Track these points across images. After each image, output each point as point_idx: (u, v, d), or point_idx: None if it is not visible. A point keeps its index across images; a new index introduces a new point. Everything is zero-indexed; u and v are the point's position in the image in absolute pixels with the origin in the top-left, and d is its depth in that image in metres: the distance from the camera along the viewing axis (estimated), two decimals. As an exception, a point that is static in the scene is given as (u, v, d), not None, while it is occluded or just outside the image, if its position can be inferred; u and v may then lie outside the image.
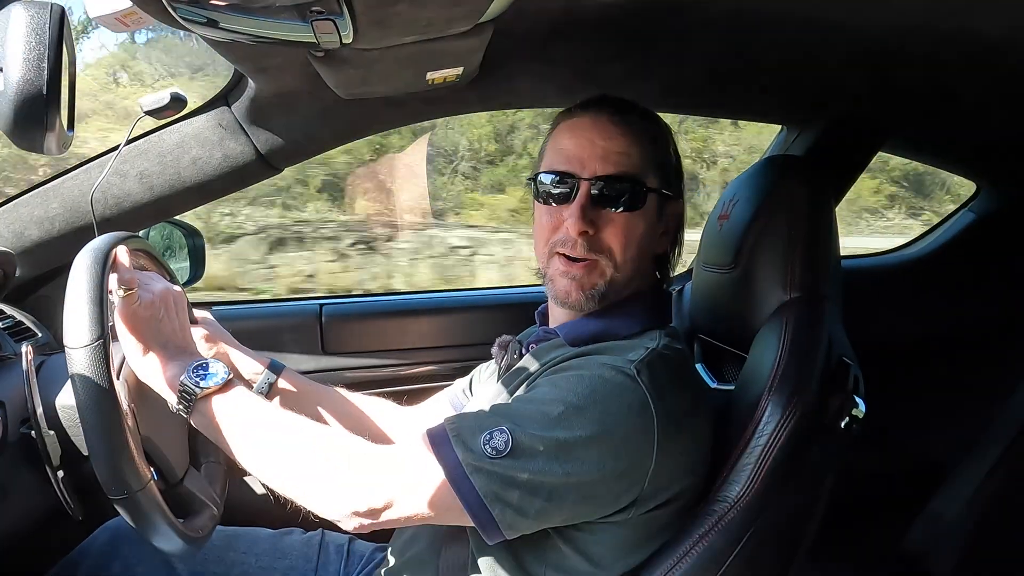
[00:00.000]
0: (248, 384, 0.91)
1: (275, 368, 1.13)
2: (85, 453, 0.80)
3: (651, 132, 0.94)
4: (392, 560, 1.02)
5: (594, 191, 0.90)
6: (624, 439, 0.80)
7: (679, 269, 1.06)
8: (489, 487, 0.77)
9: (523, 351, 1.05)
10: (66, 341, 0.76)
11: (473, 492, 0.77)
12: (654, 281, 0.99)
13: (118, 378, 0.84)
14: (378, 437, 1.18)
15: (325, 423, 1.14)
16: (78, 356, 0.75)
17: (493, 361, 1.11)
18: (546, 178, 0.94)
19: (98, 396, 0.75)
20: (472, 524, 0.79)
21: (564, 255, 0.92)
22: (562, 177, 0.92)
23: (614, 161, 0.90)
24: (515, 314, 1.68)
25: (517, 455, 0.77)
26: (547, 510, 0.80)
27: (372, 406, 1.19)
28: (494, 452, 0.77)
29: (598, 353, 0.89)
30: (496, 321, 1.71)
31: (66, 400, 0.91)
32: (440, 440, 0.80)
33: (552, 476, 0.77)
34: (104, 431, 0.76)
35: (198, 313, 1.12)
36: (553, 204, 0.93)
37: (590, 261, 0.92)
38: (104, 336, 0.76)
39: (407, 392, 1.51)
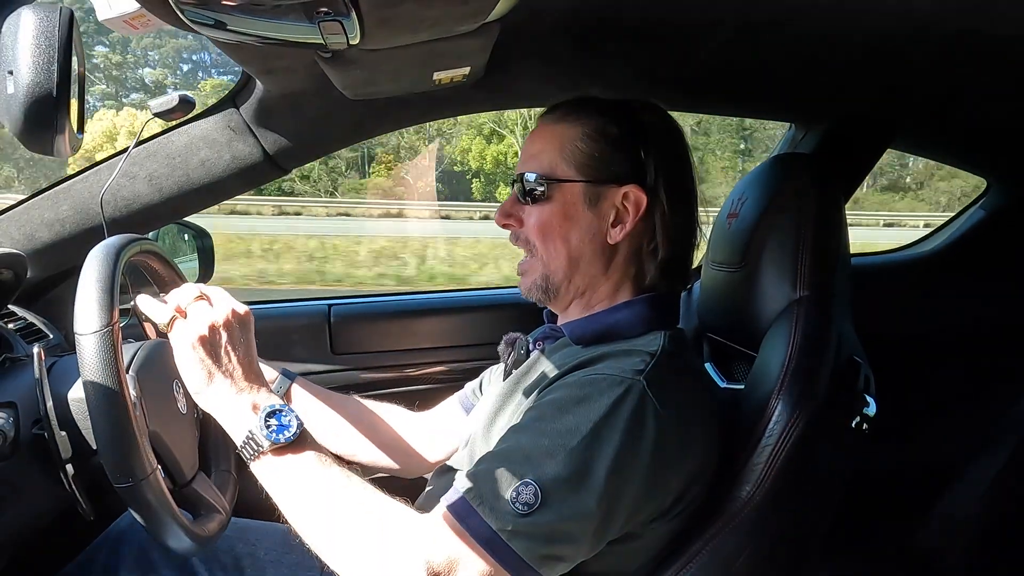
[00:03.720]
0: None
1: (288, 376, 1.14)
2: (95, 446, 0.81)
3: (577, 128, 0.94)
4: None
5: (516, 189, 0.96)
6: (645, 456, 0.79)
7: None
8: (530, 547, 0.74)
9: (530, 348, 1.05)
10: (75, 328, 0.77)
11: (515, 557, 0.74)
12: (634, 274, 0.96)
13: (128, 372, 0.84)
14: (393, 445, 1.18)
15: (341, 430, 1.15)
16: (87, 343, 0.76)
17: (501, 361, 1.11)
18: None
19: (105, 382, 0.76)
20: None
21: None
22: (512, 180, 0.99)
23: (527, 160, 0.96)
24: (526, 313, 1.68)
25: (549, 503, 0.74)
26: (589, 548, 0.79)
27: (386, 412, 1.19)
28: (526, 508, 0.74)
29: (603, 358, 0.88)
30: (507, 320, 1.71)
31: (78, 393, 0.91)
32: (465, 513, 0.75)
33: (588, 513, 0.76)
34: (110, 416, 0.77)
35: None
36: None
37: (530, 256, 0.97)
38: (113, 324, 0.77)
39: (417, 393, 1.51)
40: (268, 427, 0.77)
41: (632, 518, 0.81)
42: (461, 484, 0.78)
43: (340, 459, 0.82)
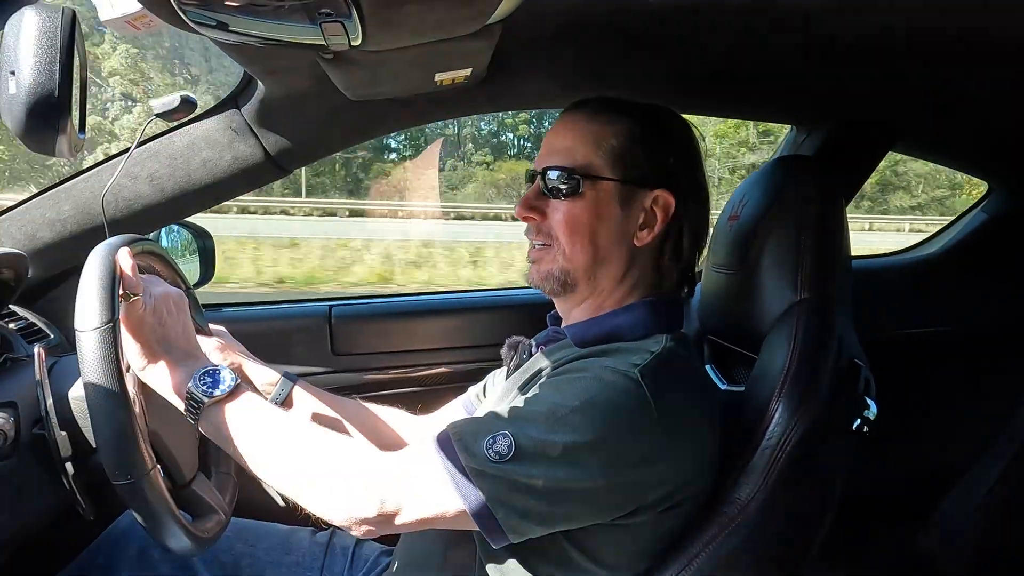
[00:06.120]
0: (255, 390, 0.90)
1: (290, 378, 1.14)
2: (94, 445, 0.80)
3: (611, 127, 0.94)
4: (397, 564, 1.02)
5: (541, 182, 0.95)
6: (626, 444, 0.79)
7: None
8: (493, 491, 0.77)
9: (532, 351, 1.05)
10: (76, 324, 0.77)
11: (477, 496, 0.77)
12: (652, 279, 0.97)
13: (128, 371, 0.84)
14: (395, 446, 1.19)
15: (344, 433, 1.15)
16: (87, 339, 0.76)
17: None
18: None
19: (106, 378, 0.76)
20: (477, 528, 0.79)
21: (531, 242, 0.99)
22: (531, 174, 0.98)
23: (556, 154, 0.95)
24: (528, 315, 1.68)
25: (520, 459, 0.77)
26: (552, 515, 0.79)
27: (388, 415, 1.20)
28: (497, 456, 0.77)
29: (603, 355, 0.89)
30: (509, 322, 1.71)
31: (78, 391, 0.91)
32: (444, 445, 0.80)
33: (555, 481, 0.77)
34: (109, 412, 0.77)
35: (212, 326, 1.13)
36: None
37: (544, 247, 0.96)
38: (114, 320, 0.77)
39: (419, 395, 1.51)
40: (203, 384, 0.83)
41: (605, 502, 0.81)
42: (451, 425, 0.82)
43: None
